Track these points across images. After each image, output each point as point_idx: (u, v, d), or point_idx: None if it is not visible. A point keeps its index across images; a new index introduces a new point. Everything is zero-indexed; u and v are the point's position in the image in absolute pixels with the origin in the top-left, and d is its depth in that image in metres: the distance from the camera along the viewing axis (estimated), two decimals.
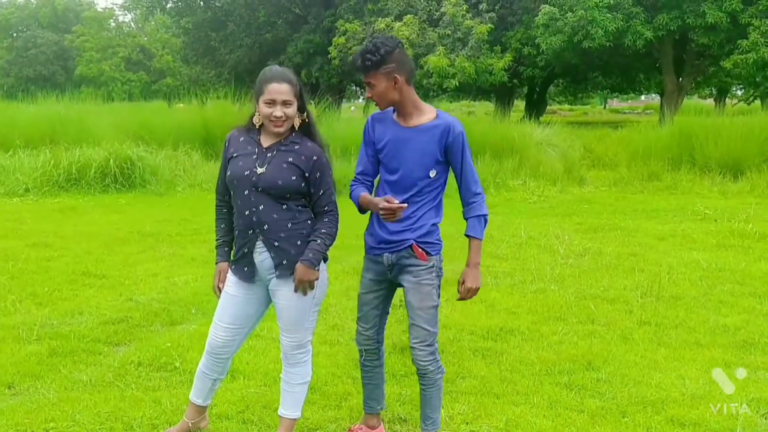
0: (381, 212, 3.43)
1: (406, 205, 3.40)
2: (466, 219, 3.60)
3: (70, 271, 7.42)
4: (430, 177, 3.51)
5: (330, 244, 3.54)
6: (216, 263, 3.72)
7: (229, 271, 3.65)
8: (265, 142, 3.52)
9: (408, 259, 3.54)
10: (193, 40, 39.76)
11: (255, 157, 3.48)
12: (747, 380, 4.65)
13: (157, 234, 9.43)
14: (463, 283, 3.61)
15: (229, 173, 3.51)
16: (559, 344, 5.36)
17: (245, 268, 3.56)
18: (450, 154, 3.52)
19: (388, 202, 3.37)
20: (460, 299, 3.69)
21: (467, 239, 3.61)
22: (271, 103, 3.39)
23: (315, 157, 3.48)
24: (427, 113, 3.55)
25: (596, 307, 6.24)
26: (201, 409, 3.87)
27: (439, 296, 3.62)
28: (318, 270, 3.50)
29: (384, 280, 3.68)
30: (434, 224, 3.57)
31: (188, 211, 10.98)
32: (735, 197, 12.82)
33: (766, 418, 4.14)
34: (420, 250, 3.52)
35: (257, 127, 3.53)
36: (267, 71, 3.49)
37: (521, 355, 5.14)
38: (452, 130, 3.49)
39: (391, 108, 3.59)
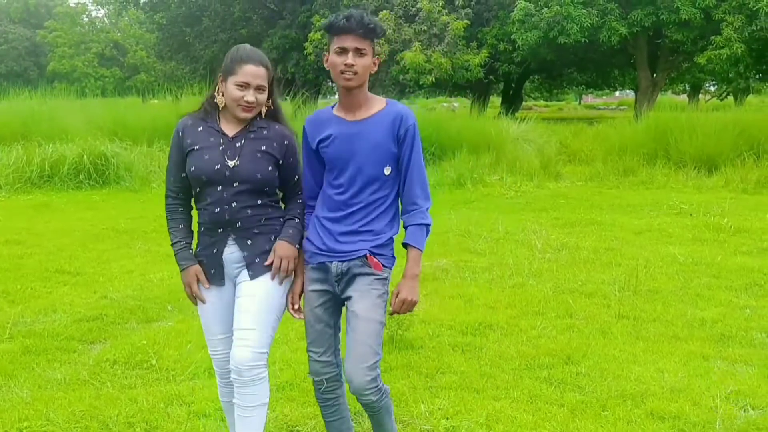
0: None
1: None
2: (405, 227, 3.18)
3: (44, 269, 7.32)
4: (385, 174, 3.12)
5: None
6: (183, 269, 3.24)
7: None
8: (229, 130, 3.18)
9: (361, 267, 3.12)
10: (168, 35, 39.45)
11: (222, 148, 3.14)
12: (725, 373, 4.68)
13: (132, 231, 9.34)
14: (398, 294, 3.14)
15: (194, 169, 3.15)
16: (538, 339, 5.36)
17: (213, 270, 3.21)
18: (399, 147, 3.12)
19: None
20: (393, 312, 3.19)
21: (405, 249, 3.18)
22: (244, 86, 3.09)
23: (286, 141, 3.21)
24: (377, 104, 3.15)
25: (574, 301, 6.24)
26: None
27: (385, 315, 3.16)
28: (298, 248, 3.22)
29: (330, 292, 3.21)
30: (390, 237, 3.18)
31: (163, 208, 10.73)
32: (710, 192, 12.92)
33: (744, 411, 4.16)
34: (375, 260, 3.12)
35: (219, 109, 3.21)
36: (241, 50, 3.19)
37: (500, 349, 5.13)
38: (404, 120, 3.09)
39: (329, 107, 3.22)
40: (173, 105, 17.85)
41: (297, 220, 3.25)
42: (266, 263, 3.18)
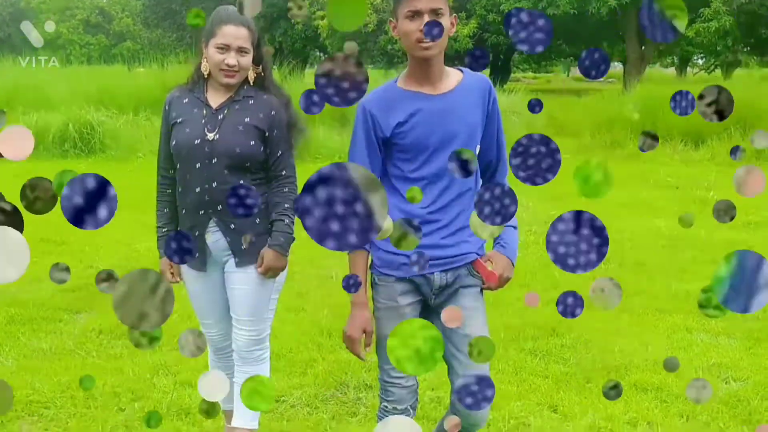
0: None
1: None
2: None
3: (29, 238, 7.12)
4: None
5: (295, 220, 3.00)
6: (161, 257, 3.16)
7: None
8: (214, 100, 2.99)
9: (466, 278, 2.65)
10: (154, 2, 39.11)
11: (204, 120, 2.95)
12: (708, 346, 4.73)
13: (118, 200, 9.28)
14: (494, 264, 2.69)
15: (174, 142, 2.98)
16: (523, 311, 5.39)
17: (196, 254, 3.00)
18: (489, 120, 2.62)
19: None
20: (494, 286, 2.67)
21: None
22: (225, 48, 2.88)
23: (273, 112, 2.98)
24: (453, 72, 2.65)
25: (560, 274, 6.27)
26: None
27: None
28: (287, 256, 3.03)
29: (422, 303, 2.70)
30: None
31: (149, 177, 10.65)
32: (696, 165, 12.97)
33: (726, 383, 4.21)
34: (488, 268, 2.63)
35: (205, 77, 3.02)
36: (221, 11, 2.94)
37: None
38: (492, 90, 2.62)
39: (392, 81, 2.69)
40: (159, 73, 17.69)
41: (287, 221, 2.99)
42: (257, 266, 3.02)
